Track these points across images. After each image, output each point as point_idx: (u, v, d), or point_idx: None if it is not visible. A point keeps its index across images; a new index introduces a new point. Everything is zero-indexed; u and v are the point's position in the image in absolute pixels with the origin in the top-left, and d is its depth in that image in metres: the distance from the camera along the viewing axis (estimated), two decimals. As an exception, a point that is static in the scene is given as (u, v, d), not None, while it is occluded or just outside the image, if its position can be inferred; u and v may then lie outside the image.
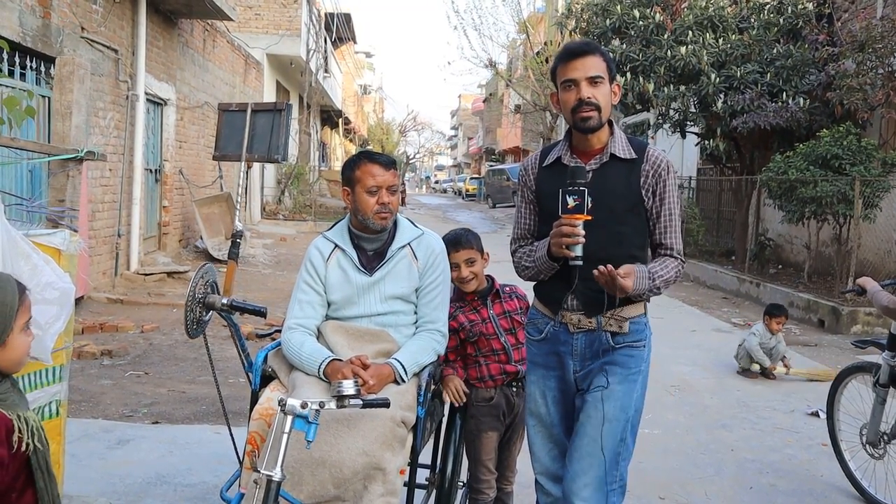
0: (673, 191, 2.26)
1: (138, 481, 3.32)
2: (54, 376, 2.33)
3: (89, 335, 6.10)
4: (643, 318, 2.29)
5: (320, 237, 2.65)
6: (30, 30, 6.10)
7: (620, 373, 2.23)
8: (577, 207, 2.09)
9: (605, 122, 2.23)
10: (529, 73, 19.90)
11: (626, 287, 2.09)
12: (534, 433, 2.39)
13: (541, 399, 2.35)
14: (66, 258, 2.25)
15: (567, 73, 2.20)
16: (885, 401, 3.46)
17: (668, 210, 2.25)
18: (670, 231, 2.27)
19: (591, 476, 2.18)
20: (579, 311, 2.25)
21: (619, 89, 2.28)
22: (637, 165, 2.24)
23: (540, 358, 2.36)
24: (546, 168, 2.34)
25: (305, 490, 2.17)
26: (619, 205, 2.22)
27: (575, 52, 2.20)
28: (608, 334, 2.24)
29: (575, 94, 2.18)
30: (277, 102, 4.56)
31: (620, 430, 2.22)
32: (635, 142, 2.29)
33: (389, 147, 47.27)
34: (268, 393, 2.46)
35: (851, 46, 9.02)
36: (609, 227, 2.20)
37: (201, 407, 4.50)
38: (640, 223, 2.26)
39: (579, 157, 2.27)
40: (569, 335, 2.27)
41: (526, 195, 2.40)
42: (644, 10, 11.33)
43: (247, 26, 16.25)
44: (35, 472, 1.70)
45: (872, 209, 8.19)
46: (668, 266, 2.24)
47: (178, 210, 10.48)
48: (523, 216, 2.42)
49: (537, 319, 2.37)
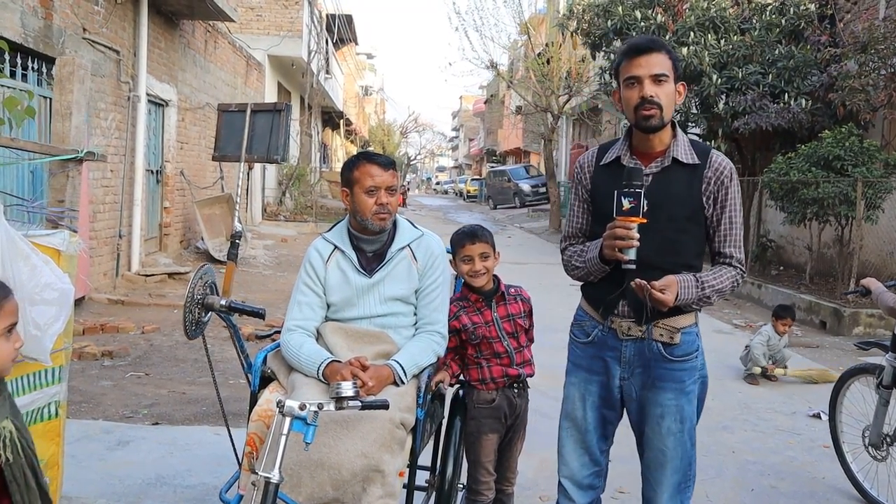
0: (735, 198, 2.20)
1: (138, 482, 3.31)
2: (53, 377, 2.33)
3: (90, 336, 6.10)
4: (694, 328, 2.25)
5: (319, 238, 2.65)
6: (31, 31, 6.11)
7: (675, 388, 2.22)
8: (633, 210, 2.04)
9: (668, 122, 2.16)
10: (531, 75, 19.89)
11: (664, 301, 2.05)
12: (566, 436, 2.36)
13: (579, 402, 2.32)
14: (65, 259, 2.24)
15: (630, 70, 2.13)
16: (888, 402, 3.44)
17: (728, 218, 2.19)
18: (730, 240, 2.21)
19: (668, 484, 2.24)
20: (629, 318, 2.20)
21: (684, 89, 2.21)
22: (699, 171, 2.17)
23: (584, 361, 2.31)
24: (603, 167, 2.27)
25: (304, 492, 2.16)
26: (679, 212, 2.16)
27: (640, 48, 2.13)
28: (659, 344, 2.20)
29: (637, 91, 2.11)
30: (277, 103, 4.55)
31: (686, 439, 2.24)
32: (698, 146, 2.23)
33: (391, 148, 47.28)
34: (267, 394, 2.45)
35: (854, 47, 9.02)
36: (667, 235, 2.15)
37: (201, 408, 4.50)
38: (699, 231, 2.21)
39: (639, 158, 2.21)
40: (617, 341, 2.23)
41: (580, 193, 2.35)
42: (646, 12, 11.33)
43: (248, 27, 16.27)
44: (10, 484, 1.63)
45: (875, 210, 8.18)
46: (722, 275, 2.19)
47: (179, 211, 10.48)
48: (576, 214, 2.37)
49: (584, 322, 2.33)
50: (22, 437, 1.68)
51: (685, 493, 2.28)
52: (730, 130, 10.30)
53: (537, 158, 31.50)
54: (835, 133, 8.70)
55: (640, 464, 2.37)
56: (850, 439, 3.70)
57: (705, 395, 2.34)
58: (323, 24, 21.16)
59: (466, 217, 25.26)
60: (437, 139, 64.69)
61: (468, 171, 60.99)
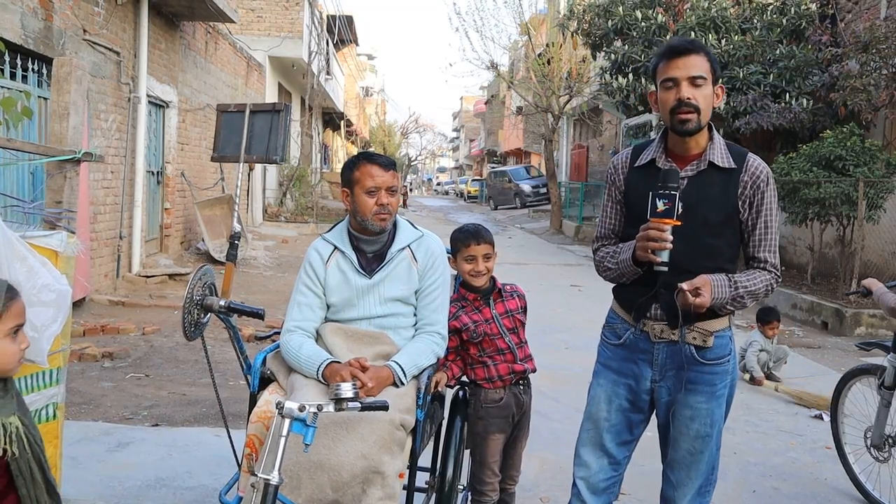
0: (771, 202, 2.17)
1: (137, 484, 3.30)
2: (51, 379, 2.32)
3: (90, 337, 6.09)
4: (728, 331, 2.23)
5: (319, 239, 2.64)
6: (31, 32, 6.10)
7: (707, 391, 2.20)
8: (667, 212, 2.02)
9: (705, 125, 2.14)
10: (531, 75, 19.88)
11: (701, 305, 2.04)
12: (586, 437, 2.34)
13: (605, 405, 2.30)
14: (63, 260, 2.23)
15: (668, 72, 2.10)
16: (889, 403, 3.43)
17: (764, 222, 2.17)
18: (765, 244, 2.19)
19: (691, 486, 2.25)
20: (662, 321, 2.18)
21: (722, 91, 2.18)
22: (735, 175, 2.15)
23: (614, 363, 2.30)
24: (638, 168, 2.25)
25: (304, 494, 2.15)
26: (714, 216, 2.14)
27: (678, 49, 2.10)
28: (692, 348, 2.18)
29: (675, 94, 2.09)
30: (276, 103, 4.54)
31: (714, 442, 2.24)
32: (734, 149, 2.20)
33: (391, 149, 47.28)
34: (266, 395, 2.44)
35: (855, 47, 9.00)
36: (701, 239, 2.13)
37: (202, 409, 4.49)
38: (733, 236, 2.19)
39: (675, 160, 2.18)
40: (649, 344, 2.21)
41: (613, 194, 2.33)
42: (646, 12, 11.32)
43: (249, 28, 16.26)
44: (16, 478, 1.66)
45: (876, 210, 8.16)
46: (756, 278, 2.17)
47: (179, 212, 10.48)
48: (608, 215, 2.35)
49: (616, 324, 2.31)
50: (29, 432, 1.70)
51: (705, 497, 2.28)
52: (731, 130, 10.28)
53: (538, 159, 31.50)
54: (836, 133, 8.69)
55: (643, 465, 2.35)
56: (852, 440, 3.69)
57: (733, 398, 2.32)
58: (323, 25, 21.16)
59: (467, 218, 25.25)
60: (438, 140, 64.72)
61: (469, 171, 60.99)
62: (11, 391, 1.72)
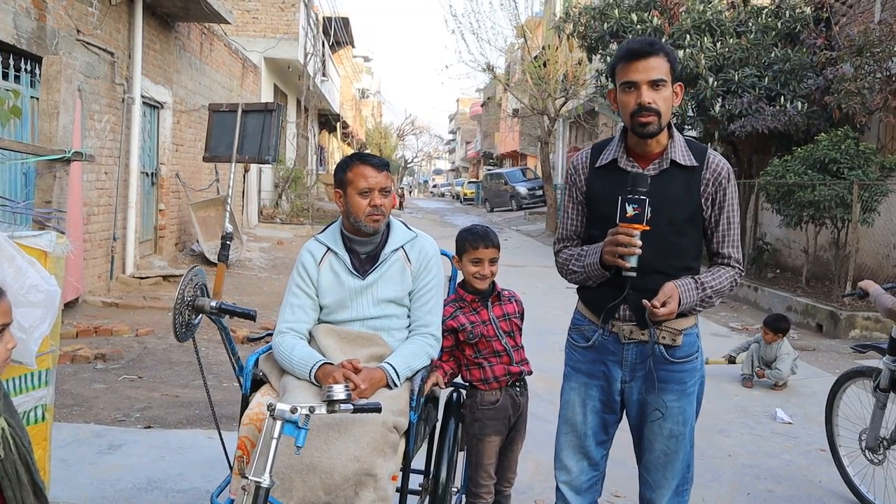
0: (733, 199, 2.18)
1: (129, 487, 3.27)
2: (40, 380, 2.29)
3: (84, 339, 6.06)
4: (695, 328, 2.25)
5: (312, 240, 2.62)
6: (24, 32, 6.07)
7: (677, 390, 2.21)
8: (636, 217, 2.01)
9: (665, 126, 2.14)
10: (527, 78, 19.90)
11: (669, 314, 2.05)
12: (565, 441, 2.33)
13: (580, 407, 2.30)
14: (52, 260, 2.20)
15: (627, 75, 2.08)
16: (885, 405, 3.43)
17: (726, 218, 2.19)
18: (728, 240, 2.20)
19: (668, 487, 2.25)
20: (631, 322, 2.18)
21: (681, 89, 2.17)
22: (697, 173, 2.15)
23: (584, 365, 2.29)
24: (599, 169, 2.24)
25: (296, 496, 2.13)
26: (679, 214, 2.14)
27: (637, 52, 2.08)
28: (661, 347, 2.18)
29: (635, 97, 2.07)
30: (268, 103, 4.51)
31: (687, 441, 2.25)
32: (695, 146, 2.20)
33: (387, 151, 47.26)
34: (258, 397, 2.42)
35: (849, 50, 9.02)
36: (667, 238, 2.13)
37: (194, 411, 4.46)
38: (697, 233, 2.20)
39: (636, 160, 2.18)
40: (619, 345, 2.21)
41: (574, 195, 2.31)
42: (642, 14, 11.34)
43: (244, 30, 16.23)
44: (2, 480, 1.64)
45: (871, 213, 8.18)
46: (721, 276, 2.18)
47: (174, 213, 10.44)
48: (570, 217, 2.33)
49: (583, 326, 2.30)
50: (15, 433, 1.69)
51: (683, 497, 2.28)
52: (726, 133, 10.30)
53: (534, 161, 31.51)
54: (831, 136, 8.71)
55: (636, 466, 2.34)
56: (846, 443, 3.69)
57: (703, 395, 2.33)
58: (319, 26, 21.14)
59: (463, 220, 25.22)
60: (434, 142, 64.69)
61: (465, 173, 61.01)
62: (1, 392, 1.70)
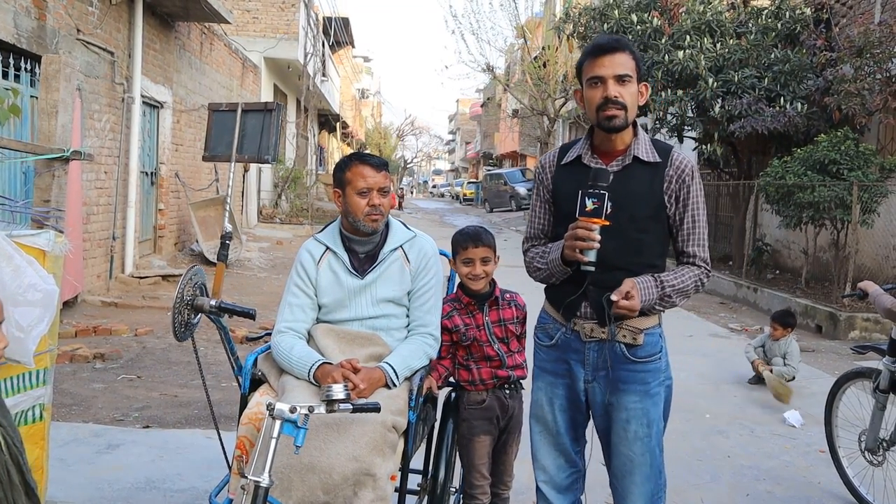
0: (697, 196, 2.17)
1: (127, 487, 3.27)
2: (38, 380, 2.29)
3: (82, 338, 6.05)
4: (657, 328, 2.21)
5: (311, 239, 2.62)
6: (24, 31, 6.07)
7: (640, 390, 2.17)
8: (596, 211, 2.01)
9: (631, 122, 2.14)
10: (527, 78, 19.91)
11: (631, 308, 2.03)
12: (539, 440, 2.32)
13: (547, 406, 2.29)
14: (50, 259, 2.20)
15: (594, 70, 2.10)
16: (884, 406, 3.42)
17: (691, 216, 2.17)
18: (693, 238, 2.18)
19: (639, 493, 2.19)
20: (592, 320, 2.17)
21: (646, 89, 2.18)
22: (661, 169, 2.15)
23: (549, 364, 2.28)
24: (564, 167, 2.25)
25: (295, 496, 2.13)
26: (641, 211, 2.13)
27: (604, 47, 2.11)
28: (622, 346, 2.16)
29: (601, 91, 2.09)
30: (268, 102, 4.49)
31: (654, 444, 2.19)
32: (659, 144, 2.21)
33: (387, 151, 47.27)
34: (257, 397, 2.42)
35: (849, 51, 9.02)
36: (629, 234, 2.12)
37: (193, 411, 4.45)
38: (661, 230, 2.18)
39: (601, 157, 2.18)
40: (581, 343, 2.20)
41: (542, 194, 2.32)
42: (642, 15, 11.34)
43: (244, 30, 16.23)
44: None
45: (870, 214, 8.17)
46: (684, 276, 2.16)
47: (173, 213, 10.44)
48: (538, 215, 2.34)
49: (548, 324, 2.29)
50: (7, 434, 1.67)
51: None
52: (726, 134, 10.29)
53: (534, 162, 31.52)
54: (830, 137, 8.70)
55: None
56: (846, 444, 3.68)
57: (671, 400, 2.28)
58: (319, 26, 21.14)
59: (463, 220, 25.23)
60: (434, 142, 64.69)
61: (464, 174, 61.01)
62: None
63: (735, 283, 10.13)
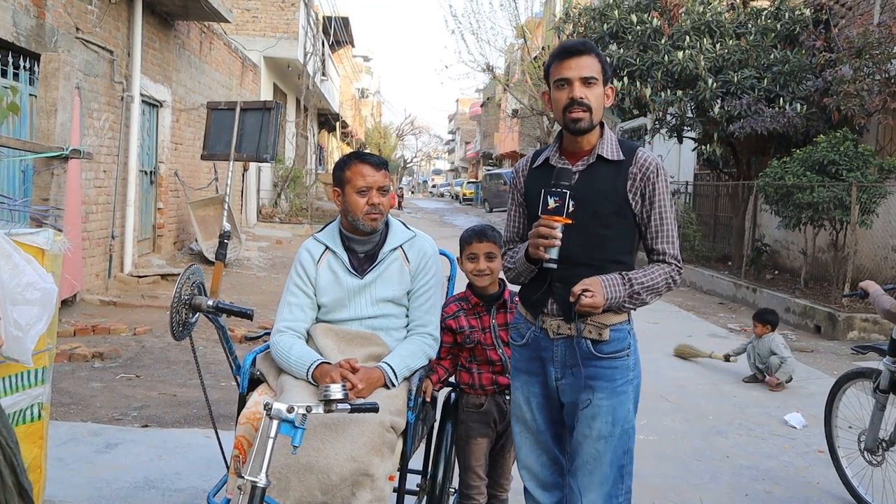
0: (663, 193, 2.18)
1: (125, 486, 3.26)
2: (36, 379, 2.28)
3: (81, 337, 6.05)
4: (626, 325, 2.19)
5: (311, 239, 2.62)
6: (23, 30, 6.06)
7: (607, 387, 2.15)
8: (557, 209, 2.05)
9: (597, 124, 2.18)
10: (527, 78, 19.91)
11: (594, 305, 2.03)
12: (521, 440, 2.33)
13: (525, 405, 2.29)
14: (49, 258, 2.20)
15: (560, 72, 2.14)
16: (884, 407, 3.42)
17: (658, 213, 2.17)
18: (662, 235, 2.18)
19: (596, 493, 2.15)
20: (558, 317, 2.18)
21: (612, 92, 2.22)
22: (624, 167, 2.17)
23: (523, 364, 2.29)
24: (535, 169, 2.29)
25: (292, 496, 2.12)
26: (604, 207, 2.15)
27: (570, 50, 2.15)
28: (588, 342, 2.15)
29: (567, 93, 2.13)
30: (267, 101, 4.49)
31: (617, 444, 2.16)
32: (626, 144, 2.24)
33: (387, 151, 47.26)
34: (255, 397, 2.42)
35: (849, 52, 9.03)
36: (592, 230, 2.14)
37: (192, 410, 4.45)
38: (626, 227, 2.19)
39: (568, 158, 2.22)
40: (549, 341, 2.20)
41: (516, 197, 2.36)
42: (641, 15, 11.34)
43: (244, 29, 16.22)
44: None
45: (869, 215, 8.17)
46: (654, 273, 2.15)
47: (173, 212, 10.43)
48: (512, 219, 2.37)
49: (520, 324, 2.31)
50: (1, 435, 1.66)
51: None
52: (725, 134, 10.30)
53: (533, 162, 31.47)
54: (830, 138, 8.70)
55: (640, 469, 2.31)
56: (845, 444, 3.68)
57: (638, 402, 2.25)
58: (319, 26, 21.13)
59: (462, 220, 25.22)
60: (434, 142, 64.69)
61: (464, 174, 61.02)
62: None
63: (734, 283, 10.13)
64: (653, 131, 11.63)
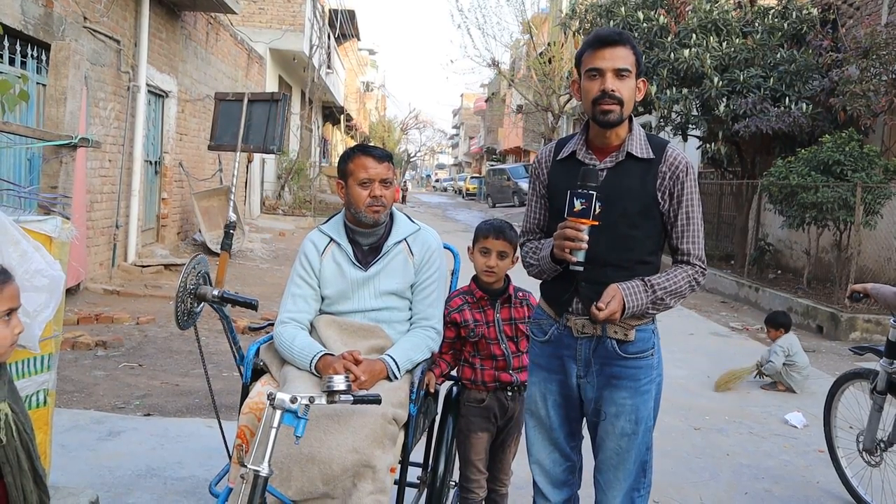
0: (692, 192, 2.14)
1: (128, 473, 3.29)
2: (42, 365, 2.30)
3: (84, 326, 6.08)
4: (651, 325, 2.20)
5: (315, 230, 2.62)
6: (31, 18, 6.07)
7: (631, 386, 2.16)
8: (584, 212, 2.00)
9: (626, 118, 2.12)
10: (532, 74, 19.88)
11: (609, 316, 2.02)
12: (533, 435, 2.33)
13: (541, 402, 2.29)
14: (57, 245, 2.21)
15: (593, 62, 2.07)
16: (882, 408, 3.43)
17: (685, 213, 2.14)
18: (688, 235, 2.15)
19: (619, 488, 2.19)
20: (584, 316, 2.15)
21: (644, 85, 2.15)
22: (654, 166, 2.12)
23: (542, 360, 2.28)
24: (560, 162, 2.23)
25: (294, 486, 2.14)
26: (633, 207, 2.11)
27: (605, 40, 2.07)
28: (613, 342, 2.14)
29: (599, 84, 2.06)
30: (274, 93, 4.51)
31: (640, 442, 2.19)
32: (655, 140, 2.18)
33: (391, 145, 47.22)
34: (259, 387, 2.43)
35: (855, 52, 9.00)
36: (620, 230, 2.10)
37: (194, 400, 4.47)
38: (653, 227, 2.15)
39: (595, 152, 2.16)
40: (572, 339, 2.19)
41: (537, 188, 2.30)
42: (648, 13, 11.32)
43: (250, 20, 16.22)
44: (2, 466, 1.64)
45: (873, 216, 8.17)
46: (677, 276, 2.13)
47: (177, 203, 10.45)
48: (533, 210, 2.33)
49: (542, 320, 2.29)
50: (18, 420, 1.68)
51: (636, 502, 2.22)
52: (730, 133, 10.28)
53: (537, 158, 31.44)
54: (835, 138, 8.69)
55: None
56: (844, 444, 3.69)
57: (660, 399, 2.27)
58: (325, 18, 21.11)
59: (465, 215, 25.23)
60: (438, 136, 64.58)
61: (468, 168, 60.98)
62: (4, 377, 1.70)
63: (737, 282, 10.13)
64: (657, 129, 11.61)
